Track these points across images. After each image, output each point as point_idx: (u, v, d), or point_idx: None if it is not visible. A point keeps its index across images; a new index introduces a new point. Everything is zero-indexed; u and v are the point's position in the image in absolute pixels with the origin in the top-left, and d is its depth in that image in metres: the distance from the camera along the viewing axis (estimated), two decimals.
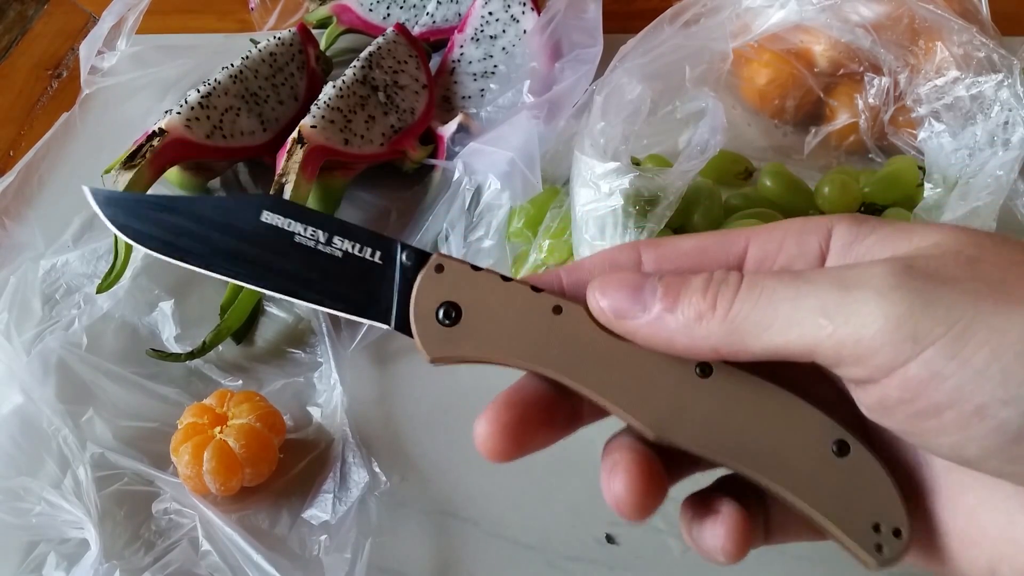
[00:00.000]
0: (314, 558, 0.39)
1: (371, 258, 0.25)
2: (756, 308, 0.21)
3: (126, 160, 0.49)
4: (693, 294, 0.22)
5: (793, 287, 0.21)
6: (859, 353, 0.20)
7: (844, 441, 0.23)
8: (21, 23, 0.74)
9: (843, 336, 0.20)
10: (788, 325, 0.21)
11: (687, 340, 0.22)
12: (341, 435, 0.43)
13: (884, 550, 0.23)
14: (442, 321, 0.24)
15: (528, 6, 0.60)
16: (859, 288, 0.20)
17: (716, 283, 0.22)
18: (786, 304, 0.21)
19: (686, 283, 0.23)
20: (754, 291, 0.21)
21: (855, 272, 0.21)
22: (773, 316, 0.21)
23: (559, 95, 0.53)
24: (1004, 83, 0.45)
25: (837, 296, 0.20)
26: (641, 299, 0.23)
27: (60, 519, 0.39)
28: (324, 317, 0.47)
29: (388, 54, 0.58)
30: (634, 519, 0.24)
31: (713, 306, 0.22)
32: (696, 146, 0.43)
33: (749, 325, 0.21)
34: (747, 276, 0.22)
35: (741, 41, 0.49)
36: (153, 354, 0.46)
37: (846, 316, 0.20)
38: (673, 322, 0.22)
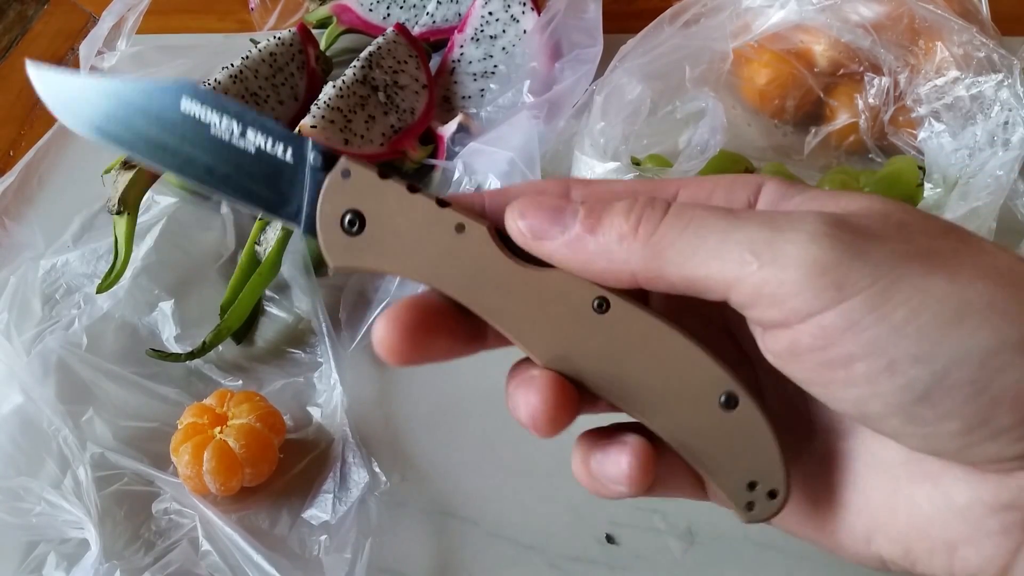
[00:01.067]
0: (314, 558, 0.39)
1: (283, 156, 0.24)
2: (682, 235, 0.21)
3: (126, 160, 0.49)
4: (616, 215, 0.22)
5: (724, 220, 0.21)
6: (779, 294, 0.20)
7: (733, 394, 0.22)
8: (21, 23, 0.74)
9: (766, 275, 0.20)
10: (712, 257, 0.20)
11: (605, 263, 0.22)
12: (341, 435, 0.43)
13: (755, 508, 0.23)
14: (346, 229, 0.24)
15: (528, 6, 0.60)
16: (791, 230, 0.20)
17: (641, 205, 0.22)
18: (714, 236, 0.20)
19: (609, 207, 0.22)
20: (682, 218, 0.21)
21: (787, 216, 0.21)
22: (698, 246, 0.21)
23: (559, 95, 0.53)
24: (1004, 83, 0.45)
25: (767, 235, 0.20)
26: (561, 220, 0.22)
27: (60, 519, 0.39)
28: (324, 317, 0.47)
29: (388, 54, 0.58)
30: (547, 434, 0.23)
31: (636, 228, 0.21)
32: (696, 146, 0.43)
33: (672, 252, 0.21)
34: (675, 204, 0.22)
35: (741, 41, 0.49)
36: (153, 354, 0.46)
37: (773, 255, 0.20)
38: (593, 243, 0.22)
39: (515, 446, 0.43)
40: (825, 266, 0.19)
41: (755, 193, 0.24)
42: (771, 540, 0.39)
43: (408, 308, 0.24)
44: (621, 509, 0.41)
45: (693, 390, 0.23)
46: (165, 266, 0.52)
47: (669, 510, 0.41)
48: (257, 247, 0.49)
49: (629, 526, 0.40)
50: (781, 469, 0.23)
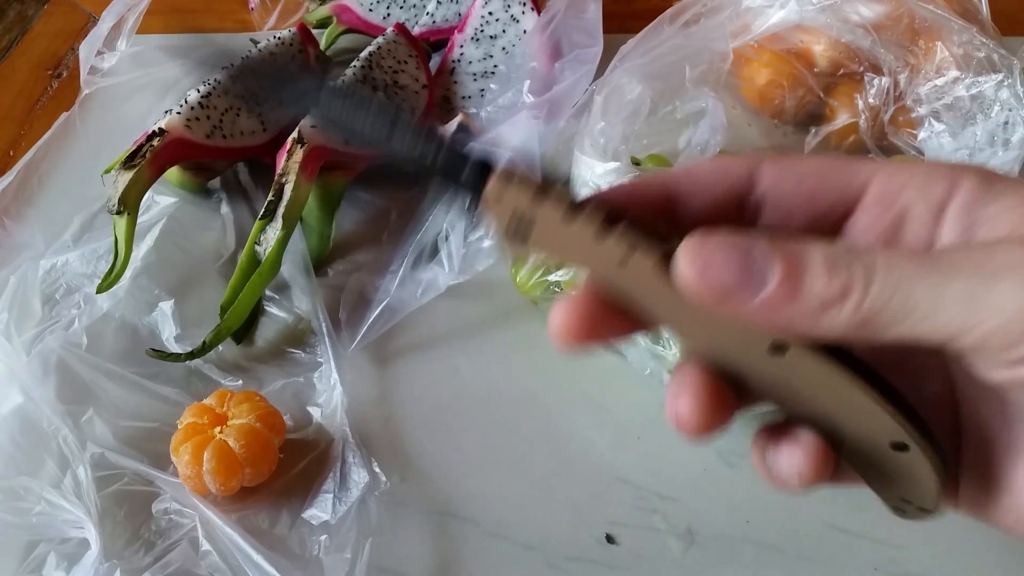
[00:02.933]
0: (314, 558, 0.39)
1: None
2: (894, 298, 0.19)
3: (126, 160, 0.49)
4: (819, 278, 0.20)
5: (934, 274, 0.19)
6: (1007, 342, 0.19)
7: (903, 443, 0.22)
8: (21, 23, 0.74)
9: (990, 328, 0.19)
10: (927, 318, 0.19)
11: (806, 328, 0.20)
12: (341, 435, 0.43)
13: (905, 514, 0.24)
14: (513, 236, 0.24)
15: (528, 6, 0.60)
16: (1007, 277, 0.19)
17: (846, 265, 0.20)
18: (928, 295, 0.19)
19: (806, 260, 0.20)
20: (891, 278, 0.19)
21: (998, 259, 0.20)
22: (912, 308, 0.19)
23: (559, 95, 0.53)
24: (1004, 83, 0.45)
25: (983, 286, 0.19)
26: (752, 277, 0.20)
27: (60, 519, 0.39)
28: (324, 317, 0.48)
29: (388, 54, 0.58)
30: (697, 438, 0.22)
31: (845, 293, 0.19)
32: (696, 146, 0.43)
33: (885, 316, 0.19)
34: (881, 260, 0.20)
35: (741, 41, 0.49)
36: (153, 354, 0.46)
37: (994, 309, 0.19)
38: (794, 307, 0.20)
39: (515, 446, 0.43)
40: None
41: (950, 189, 0.22)
42: (771, 540, 0.39)
43: (587, 296, 0.23)
44: (621, 509, 0.41)
45: (865, 434, 0.22)
46: (165, 266, 0.52)
47: (669, 510, 0.41)
48: (257, 247, 0.49)
49: (629, 526, 0.40)
50: (936, 498, 0.23)
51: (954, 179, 0.22)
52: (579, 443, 0.43)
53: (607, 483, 0.42)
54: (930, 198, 0.23)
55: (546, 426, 0.44)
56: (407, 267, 0.48)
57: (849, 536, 0.39)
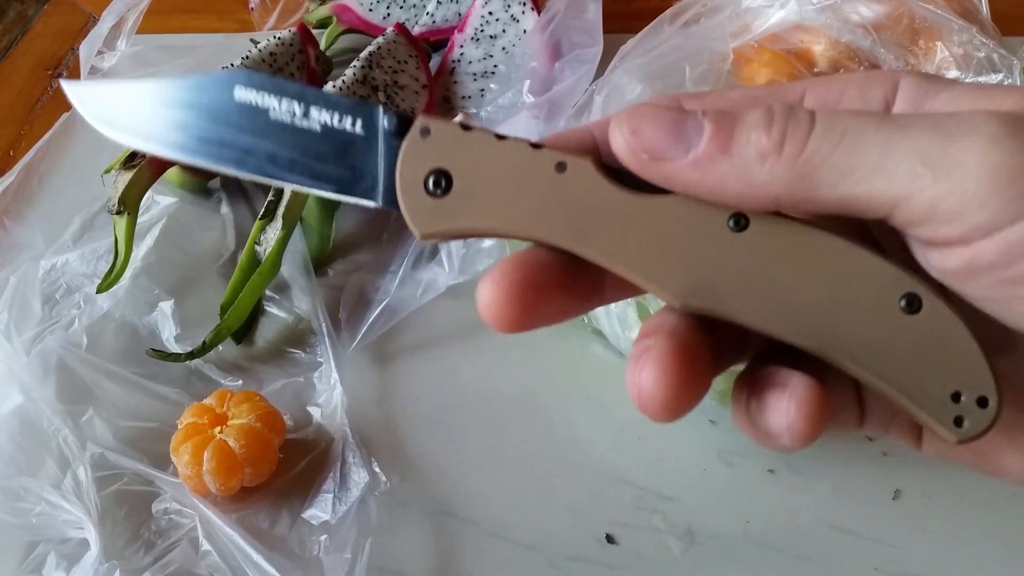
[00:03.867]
0: (314, 558, 0.39)
1: (352, 129, 0.23)
2: (837, 150, 0.18)
3: (126, 160, 0.49)
4: (753, 130, 0.19)
5: (884, 129, 0.18)
6: (959, 208, 0.17)
7: (915, 294, 0.19)
8: (21, 23, 0.74)
9: (944, 188, 0.17)
10: (875, 172, 0.18)
11: (742, 186, 0.19)
12: (341, 435, 0.43)
13: (966, 423, 0.20)
14: (432, 191, 0.22)
15: (528, 6, 0.60)
16: (965, 135, 0.17)
17: (782, 117, 0.19)
18: (875, 148, 0.18)
19: (740, 118, 0.19)
20: (835, 129, 0.18)
21: (957, 119, 0.18)
22: (857, 161, 0.18)
23: (559, 95, 0.53)
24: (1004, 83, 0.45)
25: (939, 142, 0.17)
26: (683, 135, 0.19)
27: (60, 519, 0.39)
28: (324, 317, 0.48)
29: (388, 54, 0.58)
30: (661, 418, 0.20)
31: (780, 144, 0.18)
32: None
33: (826, 170, 0.18)
34: (821, 113, 0.18)
35: (741, 41, 0.49)
36: (153, 354, 0.46)
37: (950, 165, 0.17)
38: (727, 164, 0.19)
39: (515, 446, 0.43)
40: (1011, 174, 0.17)
41: (892, 91, 0.21)
42: (771, 540, 0.39)
43: (514, 267, 0.21)
44: (621, 509, 0.41)
45: (867, 299, 0.19)
46: (165, 266, 0.52)
47: (669, 510, 0.41)
48: (257, 247, 0.49)
49: (629, 526, 0.40)
50: (987, 370, 0.19)
51: (892, 80, 0.21)
52: (579, 443, 0.43)
53: (607, 483, 0.42)
54: (872, 101, 0.21)
55: (546, 426, 0.44)
56: (407, 267, 0.48)
57: (849, 536, 0.39)
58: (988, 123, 0.17)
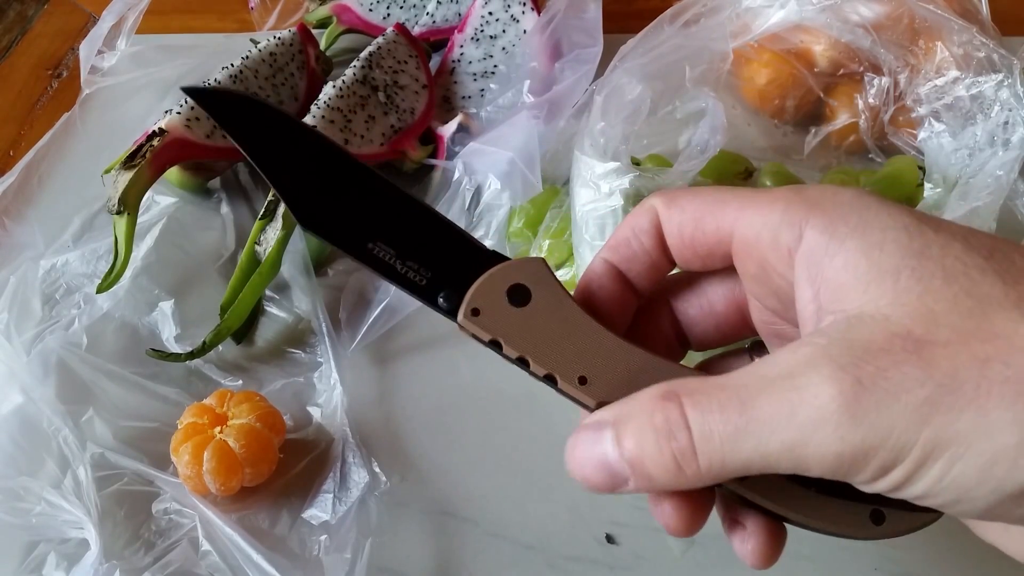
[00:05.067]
0: (314, 558, 0.39)
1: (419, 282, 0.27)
2: (725, 461, 0.21)
3: (126, 160, 0.49)
4: (655, 459, 0.22)
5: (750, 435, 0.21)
6: (841, 477, 0.21)
7: (880, 512, 0.24)
8: (21, 23, 0.74)
9: (821, 471, 0.21)
10: (765, 466, 0.21)
11: (683, 486, 0.23)
12: (341, 435, 0.43)
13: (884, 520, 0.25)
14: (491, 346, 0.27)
15: (528, 6, 0.60)
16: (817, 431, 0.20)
17: (665, 438, 0.22)
18: (751, 453, 0.21)
19: (642, 447, 0.23)
20: (712, 444, 0.21)
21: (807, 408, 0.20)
22: (746, 462, 0.21)
23: (559, 95, 0.53)
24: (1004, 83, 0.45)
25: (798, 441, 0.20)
26: (619, 475, 0.23)
27: (60, 519, 0.39)
28: (324, 317, 0.47)
29: (388, 54, 0.58)
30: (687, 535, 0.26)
31: (679, 467, 0.22)
32: (696, 146, 0.43)
33: (728, 471, 0.22)
34: (693, 423, 0.22)
35: (741, 41, 0.49)
36: (153, 354, 0.46)
37: (815, 459, 0.20)
38: (658, 483, 0.23)
39: (515, 446, 0.43)
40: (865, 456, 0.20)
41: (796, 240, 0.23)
42: None
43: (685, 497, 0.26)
44: (621, 509, 0.41)
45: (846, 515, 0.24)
46: (165, 266, 0.52)
47: None
48: (257, 247, 0.49)
49: (629, 526, 0.40)
50: None
51: (800, 227, 0.23)
52: None
53: None
54: (779, 250, 0.24)
55: (546, 426, 0.44)
56: None
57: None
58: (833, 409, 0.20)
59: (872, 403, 0.20)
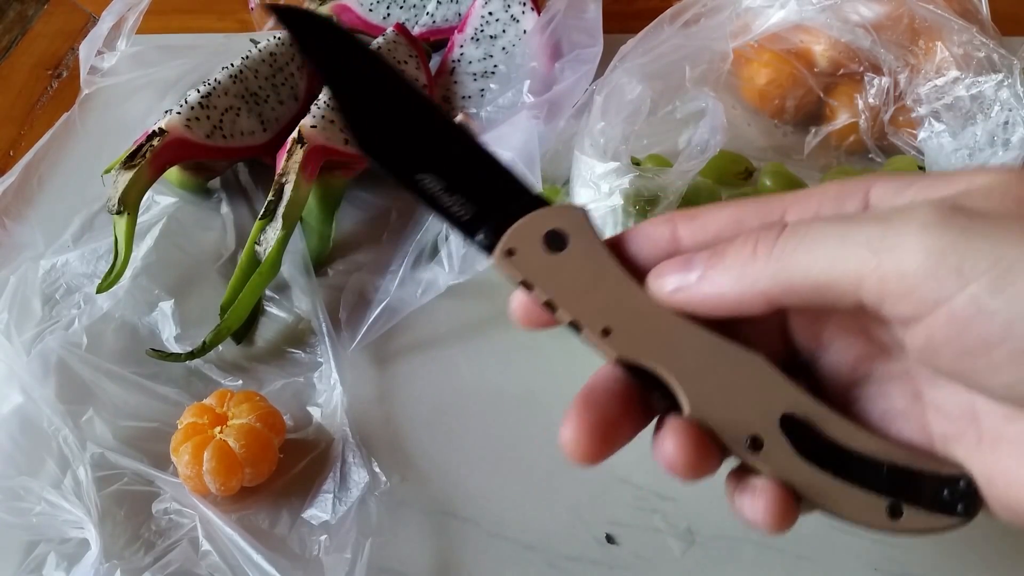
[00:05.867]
0: (314, 558, 0.39)
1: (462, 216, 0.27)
2: (801, 245, 0.22)
3: (126, 160, 0.49)
4: (736, 245, 0.23)
5: (837, 226, 0.21)
6: (903, 287, 0.20)
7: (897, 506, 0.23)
8: (21, 23, 0.74)
9: (887, 269, 0.20)
10: (834, 260, 0.21)
11: (738, 288, 0.23)
12: (341, 435, 0.43)
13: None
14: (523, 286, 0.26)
15: (528, 6, 0.60)
16: (901, 222, 0.20)
17: (756, 231, 0.23)
18: (831, 240, 0.21)
19: (728, 242, 0.23)
20: (797, 231, 0.22)
21: (899, 210, 0.21)
22: (818, 252, 0.21)
23: (559, 95, 0.53)
24: (1004, 83, 0.45)
25: (880, 230, 0.20)
26: (690, 265, 0.24)
27: (60, 519, 0.39)
28: (324, 317, 0.48)
29: (388, 54, 0.58)
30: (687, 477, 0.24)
31: (755, 249, 0.22)
32: (696, 146, 0.43)
33: (796, 262, 0.22)
34: (792, 223, 0.23)
35: (741, 41, 0.49)
36: (153, 354, 0.46)
37: (889, 248, 0.20)
38: (722, 274, 0.23)
39: (515, 446, 0.43)
40: (941, 252, 0.19)
41: (865, 197, 0.24)
42: (771, 540, 0.39)
43: (586, 408, 0.25)
44: (621, 509, 0.41)
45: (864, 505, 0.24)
46: (165, 266, 0.52)
47: (669, 510, 0.41)
48: (257, 247, 0.49)
49: (629, 526, 0.40)
50: None
51: (865, 189, 0.24)
52: None
53: (607, 483, 0.42)
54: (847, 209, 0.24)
55: (546, 426, 0.44)
56: (407, 267, 0.48)
57: (849, 536, 0.39)
58: (923, 210, 0.20)
59: (966, 215, 0.20)
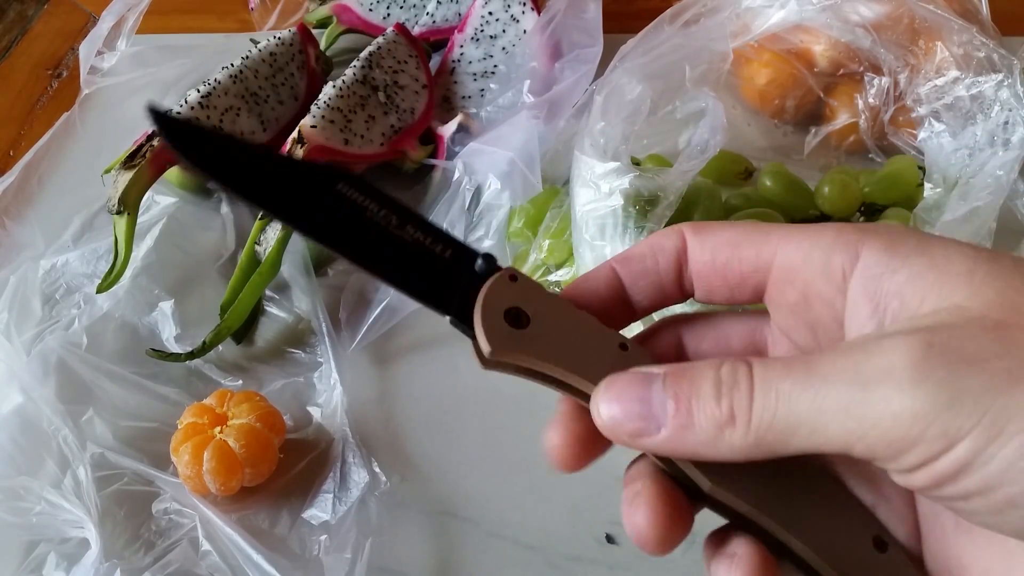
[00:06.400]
0: (314, 558, 0.39)
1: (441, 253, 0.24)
2: (777, 417, 0.20)
3: (126, 160, 0.49)
4: (706, 404, 0.21)
5: (810, 388, 0.20)
6: (892, 453, 0.19)
7: (882, 538, 0.23)
8: (21, 23, 0.74)
9: (873, 439, 0.19)
10: (814, 430, 0.20)
11: (713, 452, 0.21)
12: (341, 435, 0.43)
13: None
14: (510, 322, 0.24)
15: (528, 6, 0.60)
16: (879, 386, 0.19)
17: (728, 387, 0.21)
18: (806, 409, 0.20)
19: (695, 389, 0.22)
20: (770, 396, 0.20)
21: (872, 364, 0.20)
22: (797, 422, 0.20)
23: (559, 95, 0.53)
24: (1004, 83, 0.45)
25: (858, 396, 0.19)
26: (653, 416, 0.22)
27: (60, 519, 0.39)
28: (324, 317, 0.47)
29: (388, 54, 0.58)
30: (657, 553, 0.23)
31: (731, 416, 0.21)
32: (696, 146, 0.43)
33: (774, 435, 0.20)
34: (757, 375, 0.21)
35: (741, 41, 0.49)
36: (153, 354, 0.46)
37: (872, 420, 0.19)
38: (693, 436, 0.21)
39: (515, 446, 0.43)
40: (926, 418, 0.19)
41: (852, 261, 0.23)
42: None
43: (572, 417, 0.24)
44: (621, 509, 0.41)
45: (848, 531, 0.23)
46: (165, 266, 0.52)
47: None
48: (257, 247, 0.49)
49: None
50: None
51: (856, 248, 0.22)
52: None
53: (607, 483, 0.42)
54: (831, 273, 0.23)
55: (546, 426, 0.44)
56: None
57: None
58: (900, 368, 0.19)
59: (943, 365, 0.19)
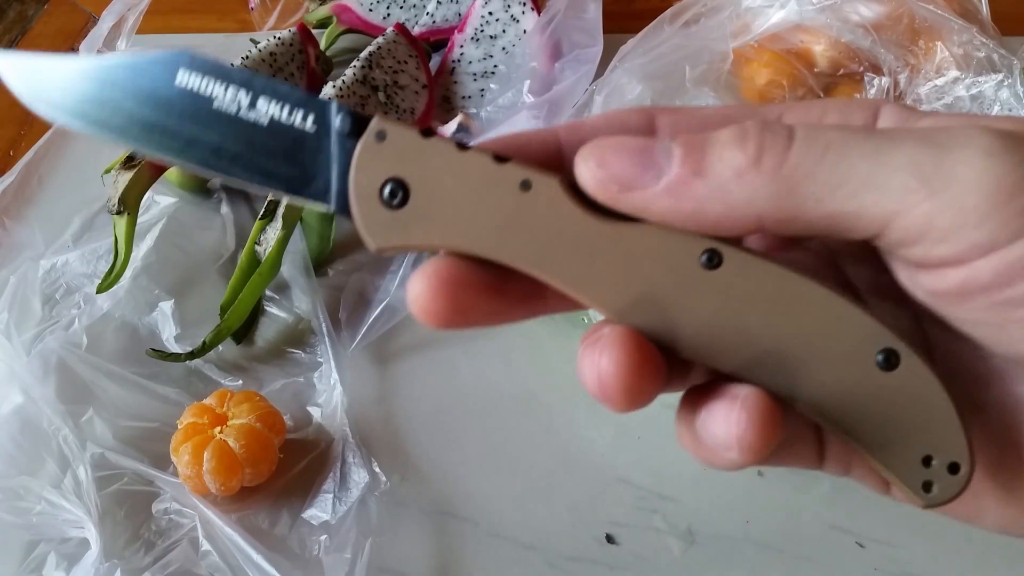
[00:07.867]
0: (314, 558, 0.39)
1: (302, 125, 0.21)
2: (822, 163, 0.17)
3: (126, 160, 0.49)
4: (728, 147, 0.17)
5: (871, 141, 0.17)
6: (956, 225, 0.16)
7: (893, 351, 0.18)
8: (21, 23, 0.74)
9: (939, 204, 0.16)
10: (865, 186, 0.16)
11: (721, 208, 0.17)
12: (341, 435, 0.43)
13: (934, 488, 0.19)
14: (387, 201, 0.20)
15: (528, 6, 0.60)
16: (962, 147, 0.16)
17: (756, 132, 0.17)
18: (864, 160, 0.16)
19: (712, 137, 0.18)
20: (817, 142, 0.17)
21: (949, 131, 0.17)
22: (846, 174, 0.16)
23: (559, 95, 0.53)
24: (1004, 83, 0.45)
25: (933, 154, 0.16)
26: (653, 162, 0.18)
27: (60, 519, 0.39)
28: (324, 317, 0.48)
29: (388, 54, 0.58)
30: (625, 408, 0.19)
31: (758, 159, 0.17)
32: None
33: (811, 184, 0.17)
34: (801, 126, 0.17)
35: (741, 41, 0.49)
36: (153, 354, 0.46)
37: (946, 178, 0.16)
38: (702, 186, 0.17)
39: (515, 446, 0.43)
40: (1011, 189, 0.16)
41: (873, 116, 0.20)
42: (771, 540, 0.39)
43: (448, 264, 0.20)
44: (621, 509, 0.41)
45: (842, 350, 0.18)
46: (165, 266, 0.52)
47: (669, 510, 0.41)
48: (257, 247, 0.49)
49: (629, 526, 0.40)
50: (962, 435, 0.18)
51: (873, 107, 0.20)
52: (579, 443, 0.43)
53: (607, 483, 0.42)
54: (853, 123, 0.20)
55: (546, 426, 0.44)
56: (407, 267, 0.48)
57: (849, 536, 0.39)
58: (983, 136, 0.16)
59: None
